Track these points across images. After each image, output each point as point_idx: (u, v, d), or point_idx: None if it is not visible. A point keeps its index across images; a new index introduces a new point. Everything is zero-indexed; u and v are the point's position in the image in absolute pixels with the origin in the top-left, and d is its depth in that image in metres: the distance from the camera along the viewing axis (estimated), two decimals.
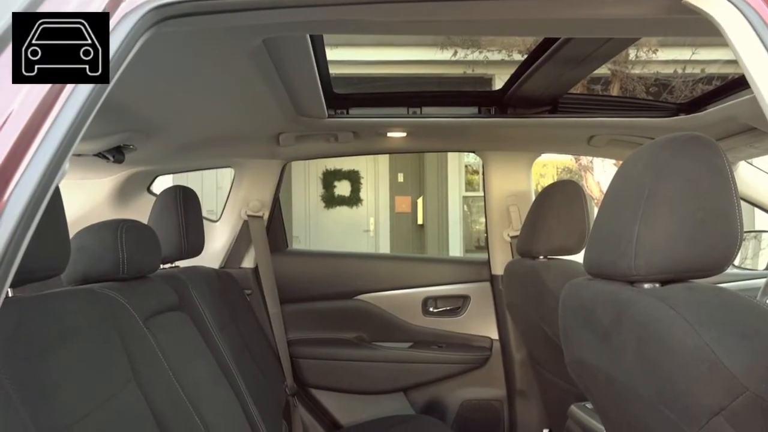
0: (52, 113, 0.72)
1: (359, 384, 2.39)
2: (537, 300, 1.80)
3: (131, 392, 1.14)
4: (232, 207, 2.41)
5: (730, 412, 0.75)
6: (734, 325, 0.79)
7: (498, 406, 2.38)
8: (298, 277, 2.49)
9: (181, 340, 1.52)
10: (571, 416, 1.56)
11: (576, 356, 1.16)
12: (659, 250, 0.89)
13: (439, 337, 2.44)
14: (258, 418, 1.72)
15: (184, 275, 1.75)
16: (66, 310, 1.05)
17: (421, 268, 2.57)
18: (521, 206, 2.33)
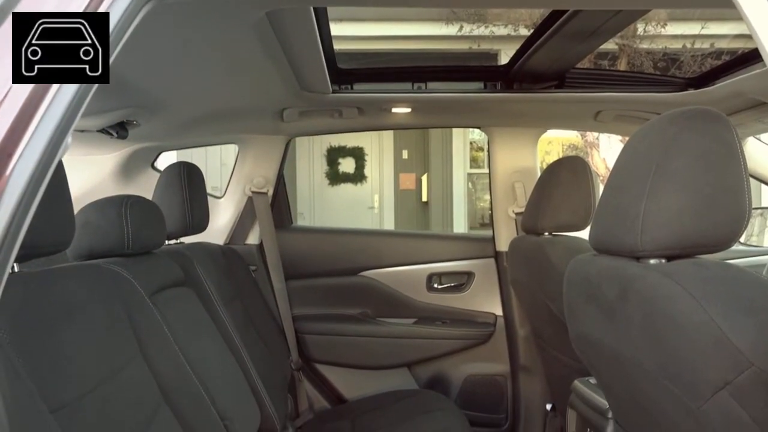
0: (54, 86, 0.71)
1: (364, 359, 2.41)
2: (541, 276, 1.80)
3: (138, 366, 1.15)
4: (237, 183, 2.41)
5: (734, 387, 0.76)
6: (740, 300, 0.79)
7: (502, 382, 2.39)
8: (302, 254, 2.50)
9: (187, 315, 1.53)
10: (575, 391, 1.57)
11: (580, 332, 1.16)
12: (666, 226, 0.89)
13: (443, 313, 2.45)
14: (263, 391, 1.74)
15: (189, 251, 1.75)
16: (72, 285, 1.06)
17: (425, 245, 2.57)
18: (526, 183, 2.32)
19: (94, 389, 0.98)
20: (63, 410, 0.88)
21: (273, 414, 1.75)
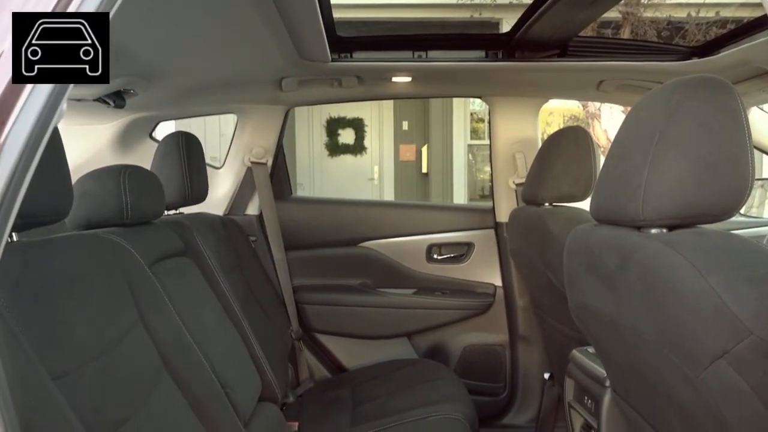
0: None
1: (364, 329, 2.42)
2: (541, 247, 1.80)
3: (139, 335, 1.16)
4: (236, 154, 2.39)
5: (733, 356, 0.76)
6: (741, 270, 0.79)
7: (500, 351, 2.41)
8: (302, 224, 2.50)
9: (187, 285, 1.53)
10: (573, 360, 1.58)
11: (580, 301, 1.16)
12: (668, 195, 0.88)
13: (442, 283, 2.46)
14: (264, 360, 1.76)
15: (188, 221, 1.75)
16: (71, 255, 1.06)
17: (425, 216, 2.57)
18: (527, 153, 2.30)
19: (96, 358, 0.98)
20: (64, 378, 0.88)
21: (274, 382, 1.77)
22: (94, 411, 0.92)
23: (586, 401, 1.49)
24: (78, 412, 0.85)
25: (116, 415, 0.97)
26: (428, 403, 1.79)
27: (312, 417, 1.88)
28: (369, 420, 1.78)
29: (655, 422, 1.07)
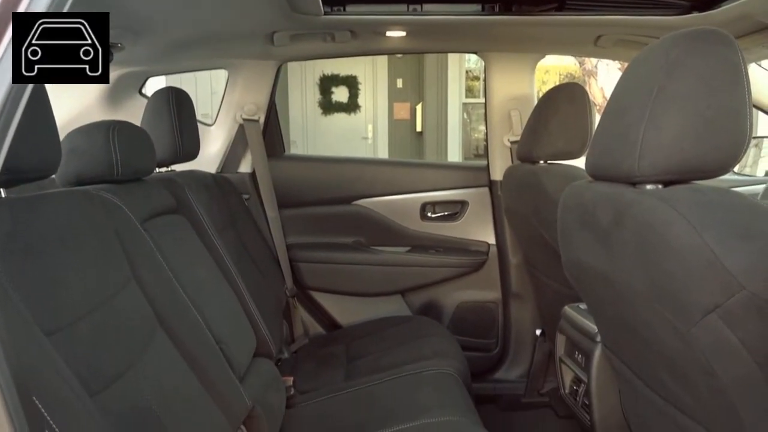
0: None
1: (358, 287, 2.44)
2: (535, 204, 1.79)
3: (132, 292, 1.15)
4: (227, 110, 2.35)
5: (724, 310, 0.76)
6: (736, 226, 0.79)
7: (493, 308, 2.44)
8: (295, 182, 2.48)
9: (180, 242, 1.53)
10: (564, 316, 1.60)
11: (573, 257, 1.17)
12: (665, 150, 0.87)
13: (436, 241, 2.47)
14: (258, 317, 1.77)
15: (180, 178, 1.73)
16: (61, 211, 1.04)
17: (419, 174, 2.55)
18: (523, 110, 2.28)
19: (89, 314, 0.98)
20: (58, 334, 0.88)
21: (268, 338, 1.78)
22: (89, 366, 0.92)
23: (577, 356, 1.51)
24: (72, 367, 0.85)
25: (111, 370, 0.97)
26: (421, 359, 1.82)
27: (306, 372, 1.91)
28: (363, 375, 1.80)
29: (645, 376, 1.08)
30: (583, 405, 1.48)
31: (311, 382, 1.82)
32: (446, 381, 1.70)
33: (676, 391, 0.96)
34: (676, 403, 0.99)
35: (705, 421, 0.92)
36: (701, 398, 0.90)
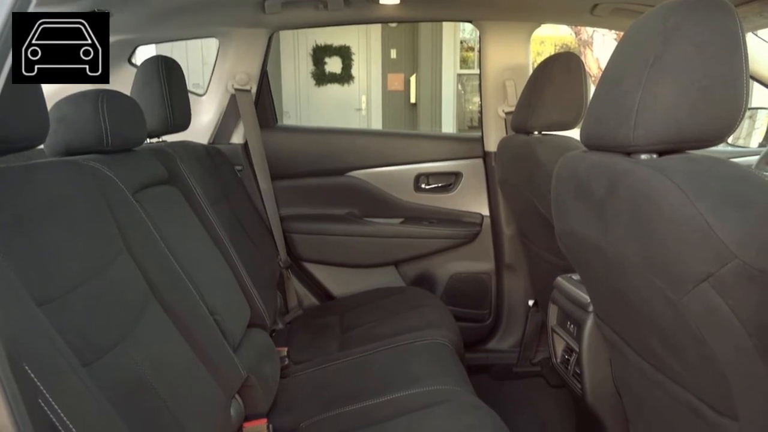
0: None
1: (351, 258, 2.44)
2: (529, 175, 1.79)
3: (124, 263, 1.15)
4: (218, 80, 2.32)
5: (716, 279, 0.77)
6: (729, 195, 0.79)
7: (486, 279, 2.45)
8: (288, 153, 2.46)
9: (172, 213, 1.52)
10: (557, 287, 1.61)
11: (566, 227, 1.17)
12: (660, 119, 0.87)
13: (430, 213, 2.47)
14: (252, 288, 1.77)
15: (171, 149, 1.71)
16: (50, 181, 1.03)
17: (413, 145, 2.54)
18: (518, 81, 2.26)
19: (81, 284, 0.98)
20: (50, 304, 0.88)
21: (262, 309, 1.79)
22: (82, 336, 0.92)
23: (569, 326, 1.52)
24: (65, 337, 0.85)
25: (105, 340, 0.97)
26: (415, 329, 1.83)
27: (300, 342, 1.92)
28: (356, 345, 1.81)
29: (636, 344, 1.10)
30: (575, 374, 1.50)
31: (305, 353, 1.84)
32: (439, 351, 1.72)
33: (666, 359, 0.97)
34: (666, 371, 1.00)
35: (694, 388, 0.93)
36: (691, 366, 0.91)
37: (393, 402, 1.43)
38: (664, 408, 1.07)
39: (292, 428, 1.43)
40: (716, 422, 0.89)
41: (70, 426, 0.69)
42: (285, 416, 1.49)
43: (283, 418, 1.48)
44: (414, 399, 1.42)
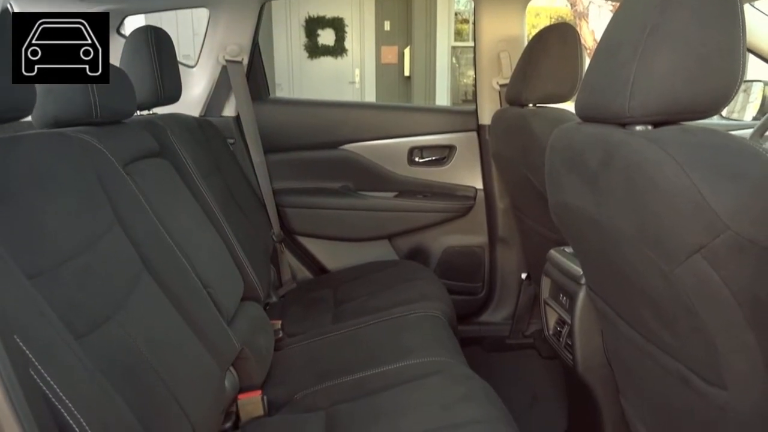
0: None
1: (345, 232, 2.44)
2: (524, 148, 1.78)
3: (116, 236, 1.14)
4: (209, 51, 2.28)
5: (708, 250, 0.77)
6: (724, 167, 0.78)
7: (479, 252, 2.46)
8: (281, 126, 2.44)
9: (164, 186, 1.51)
10: (550, 260, 1.61)
11: (560, 200, 1.16)
12: (656, 89, 0.86)
13: (424, 186, 2.46)
14: (246, 262, 1.77)
15: (162, 121, 1.69)
16: (39, 153, 1.02)
17: (407, 118, 2.52)
18: (512, 53, 2.23)
19: (72, 257, 0.97)
20: (40, 278, 0.87)
21: (256, 283, 1.79)
22: (74, 309, 0.92)
23: (561, 298, 1.53)
24: (57, 310, 0.84)
25: (97, 313, 0.97)
26: (408, 302, 1.84)
27: (294, 315, 1.93)
28: (350, 318, 1.82)
29: (627, 316, 1.10)
30: (566, 345, 1.51)
31: (299, 325, 1.84)
32: (432, 323, 1.73)
33: (657, 330, 0.98)
34: (657, 342, 1.01)
35: (684, 358, 0.94)
36: (682, 336, 0.91)
37: (386, 373, 1.45)
38: (654, 378, 1.08)
39: (286, 399, 1.44)
40: (705, 391, 0.90)
41: (63, 396, 0.69)
42: (279, 388, 1.50)
43: (277, 389, 1.49)
44: (407, 370, 1.43)
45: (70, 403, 0.70)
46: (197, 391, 1.16)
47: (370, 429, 1.21)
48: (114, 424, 0.79)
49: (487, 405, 1.23)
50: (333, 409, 1.31)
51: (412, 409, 1.25)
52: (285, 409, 1.41)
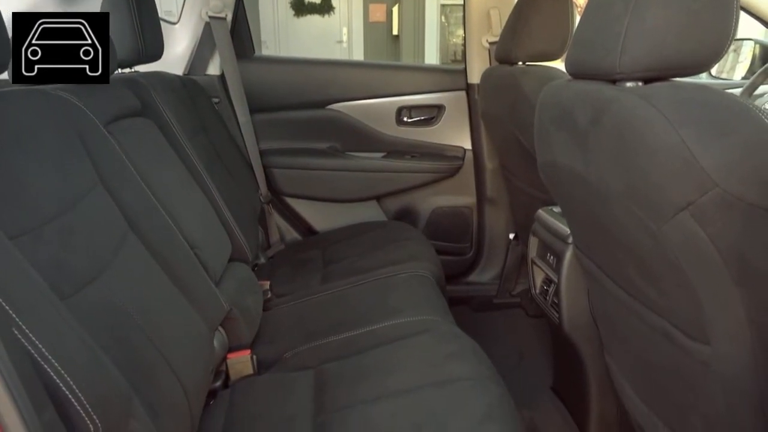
0: None
1: (333, 192, 2.43)
2: (513, 107, 1.77)
3: (100, 196, 1.12)
4: (192, 7, 2.22)
5: (696, 207, 0.77)
6: (714, 123, 0.78)
7: (468, 213, 2.46)
8: (267, 85, 2.40)
9: (148, 146, 1.48)
10: (538, 219, 1.62)
11: (549, 158, 1.16)
12: (647, 45, 0.85)
13: (412, 146, 2.44)
14: (233, 222, 1.75)
15: (144, 79, 1.65)
16: (16, 110, 0.99)
17: (395, 77, 2.48)
18: (503, 9, 2.19)
19: (55, 218, 0.95)
20: (23, 237, 0.86)
21: (244, 244, 1.78)
22: (59, 270, 0.91)
23: (549, 257, 1.54)
24: (41, 270, 0.83)
25: (82, 274, 0.96)
26: (397, 262, 1.85)
27: (283, 276, 1.93)
28: (339, 278, 1.83)
29: (613, 274, 1.11)
30: (553, 304, 1.53)
31: (288, 286, 1.85)
32: (421, 283, 1.74)
33: (643, 288, 0.99)
34: (642, 300, 1.02)
35: (669, 315, 0.95)
36: (667, 294, 0.92)
37: (375, 332, 1.46)
38: (639, 335, 1.10)
39: (275, 359, 1.46)
40: (689, 347, 0.92)
41: (48, 355, 0.69)
42: (268, 347, 1.51)
43: (266, 349, 1.50)
44: (396, 329, 1.44)
45: (56, 362, 0.70)
46: (186, 350, 1.16)
47: (359, 387, 1.22)
48: (102, 383, 0.79)
49: (474, 362, 1.25)
50: (322, 368, 1.33)
51: (400, 367, 1.26)
52: (274, 368, 1.42)
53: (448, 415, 1.08)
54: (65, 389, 0.70)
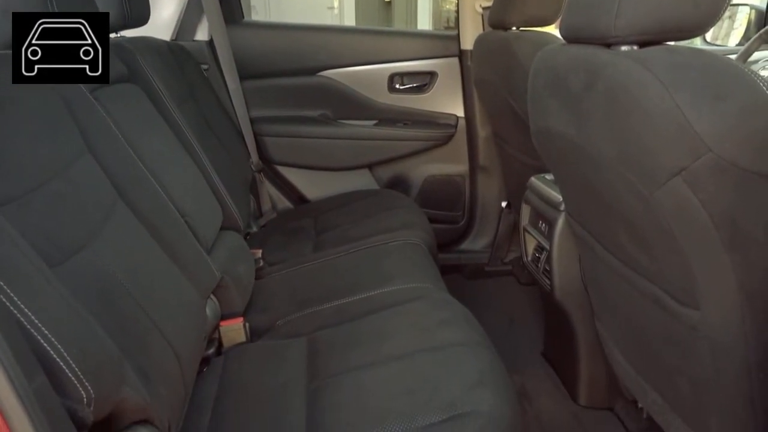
0: None
1: (324, 161, 2.41)
2: (506, 74, 1.74)
3: (87, 163, 1.10)
4: None
5: (689, 173, 0.76)
6: (708, 88, 0.77)
7: (460, 181, 2.45)
8: (257, 51, 2.35)
9: (136, 113, 1.45)
10: (530, 187, 1.62)
11: (542, 125, 1.15)
12: (643, 8, 0.84)
13: (404, 114, 2.42)
14: (224, 191, 1.74)
15: (130, 45, 1.61)
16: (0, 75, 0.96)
17: (387, 43, 2.44)
18: None
19: (42, 185, 0.94)
20: (9, 205, 0.85)
21: (235, 212, 1.77)
22: (47, 238, 0.90)
23: (541, 225, 1.54)
24: (29, 238, 0.82)
25: (72, 241, 0.95)
26: (389, 230, 1.84)
27: (275, 245, 1.92)
28: (331, 246, 1.83)
29: (605, 240, 1.11)
30: (544, 271, 1.54)
31: (280, 254, 1.84)
32: (413, 251, 1.74)
33: (634, 254, 0.99)
34: (633, 266, 1.02)
35: (659, 280, 0.96)
36: (658, 259, 0.93)
37: (367, 300, 1.46)
38: (629, 301, 1.10)
39: (268, 326, 1.46)
40: (679, 312, 0.93)
41: (37, 322, 0.68)
42: (261, 315, 1.51)
43: (259, 316, 1.50)
44: (388, 296, 1.45)
45: (45, 330, 0.69)
46: (178, 318, 1.16)
47: (352, 353, 1.23)
48: (93, 351, 0.79)
49: (466, 328, 1.26)
50: (314, 335, 1.33)
51: (393, 333, 1.27)
52: (267, 336, 1.42)
53: (441, 380, 1.08)
54: (56, 356, 0.70)
